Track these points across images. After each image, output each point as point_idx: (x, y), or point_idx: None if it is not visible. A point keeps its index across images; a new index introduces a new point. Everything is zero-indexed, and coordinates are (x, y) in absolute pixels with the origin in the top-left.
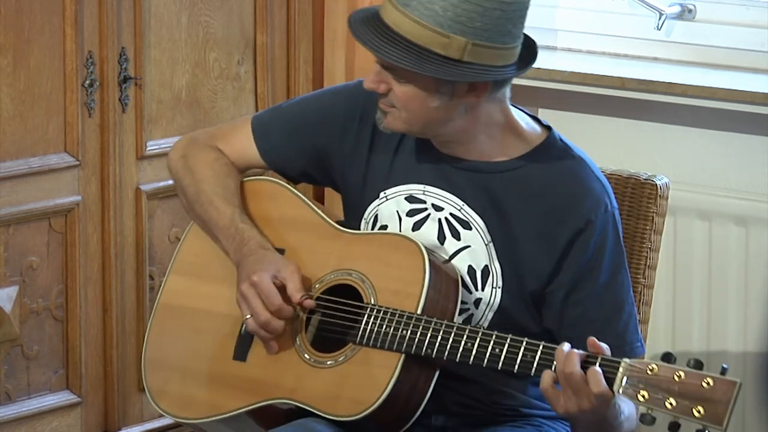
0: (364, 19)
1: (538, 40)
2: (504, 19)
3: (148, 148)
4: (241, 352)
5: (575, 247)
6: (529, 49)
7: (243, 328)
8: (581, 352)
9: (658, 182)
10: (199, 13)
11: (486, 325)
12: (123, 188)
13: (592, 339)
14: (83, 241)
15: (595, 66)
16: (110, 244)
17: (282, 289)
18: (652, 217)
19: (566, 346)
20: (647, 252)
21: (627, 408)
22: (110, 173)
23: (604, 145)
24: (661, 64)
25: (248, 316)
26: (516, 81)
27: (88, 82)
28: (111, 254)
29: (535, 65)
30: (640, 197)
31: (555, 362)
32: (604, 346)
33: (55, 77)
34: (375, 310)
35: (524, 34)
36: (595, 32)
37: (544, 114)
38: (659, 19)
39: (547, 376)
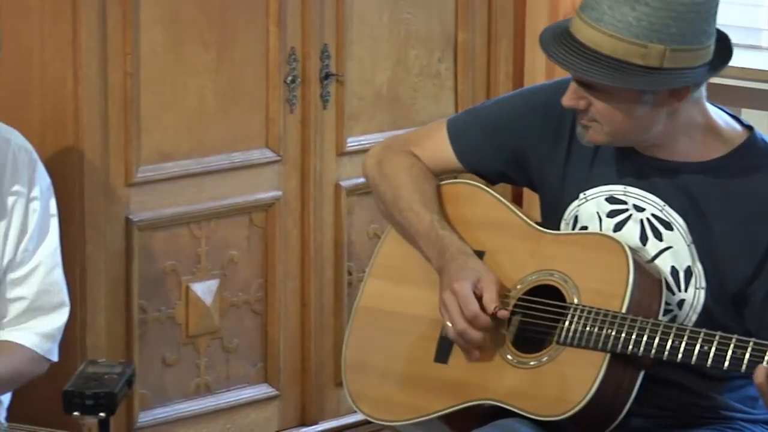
0: (555, 37)
1: (742, 39)
2: (698, 20)
3: (348, 145)
4: (442, 354)
5: None
6: (723, 42)
7: (444, 330)
8: None
9: None
10: (401, 11)
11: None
12: (323, 184)
13: None
14: (283, 236)
15: None
16: (309, 239)
17: (481, 297)
18: None
19: None
20: None
21: None
22: (310, 169)
23: None
24: None
25: (448, 324)
26: (718, 80)
27: (290, 78)
28: (310, 249)
29: (739, 65)
30: None
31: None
32: None
33: (258, 73)
34: (579, 310)
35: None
36: None
37: (747, 114)
38: None
39: (761, 370)
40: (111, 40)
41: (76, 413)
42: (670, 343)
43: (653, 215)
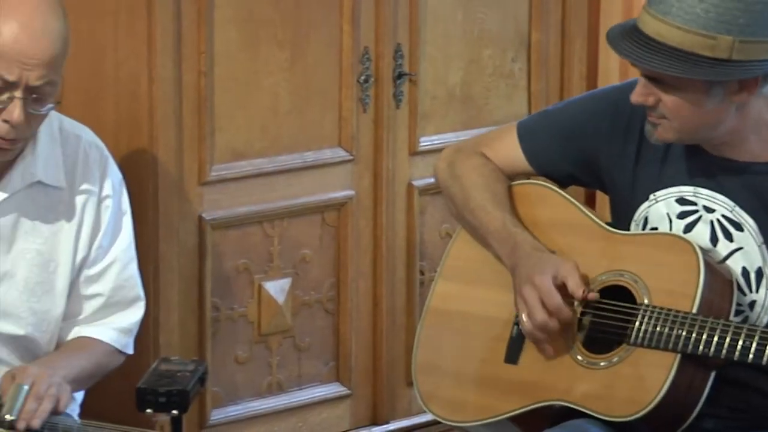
0: (622, 34)
1: None
2: (767, 12)
3: (421, 144)
4: (512, 355)
5: None
6: None
7: (514, 330)
8: None
9: None
10: (475, 10)
11: None
12: (395, 183)
13: None
14: (355, 236)
15: None
16: (382, 238)
17: (561, 289)
18: None
19: None
20: None
21: None
22: (383, 168)
23: None
24: None
25: (525, 319)
26: None
27: (363, 77)
28: (382, 249)
29: None
30: None
31: None
32: None
33: (332, 73)
34: (649, 310)
35: None
36: None
37: None
38: None
39: None
40: (185, 39)
41: (148, 410)
42: (741, 343)
43: (723, 216)
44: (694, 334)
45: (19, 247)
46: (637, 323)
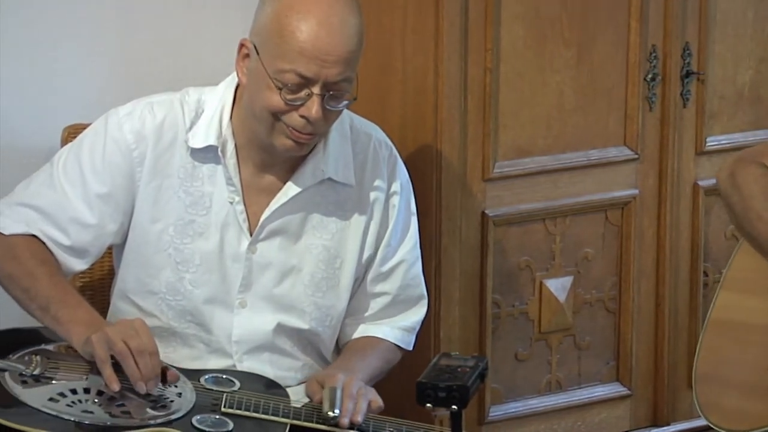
0: None
1: None
2: None
3: (708, 144)
4: None
5: None
6: None
7: None
8: None
9: None
10: (766, 9)
11: None
12: (680, 183)
13: None
14: (638, 235)
15: None
16: (665, 238)
17: None
18: None
19: None
20: None
21: None
22: (668, 168)
23: None
24: None
25: None
26: None
27: (650, 76)
28: (666, 249)
29: None
30: None
31: None
32: None
33: (618, 71)
34: None
35: None
36: None
37: None
38: None
39: None
40: (472, 35)
41: (428, 405)
42: None
43: None
44: None
45: (307, 242)
46: None
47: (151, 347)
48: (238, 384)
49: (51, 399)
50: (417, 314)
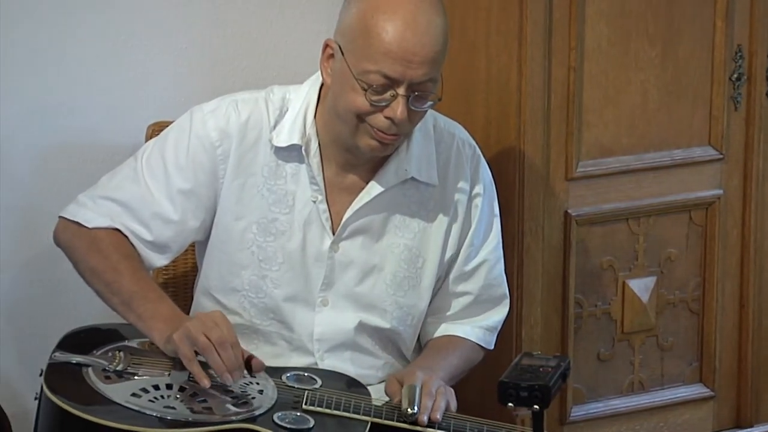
0: None
1: None
2: None
3: None
4: None
5: None
6: None
7: None
8: None
9: None
10: None
11: None
12: (765, 183)
13: None
14: (722, 235)
15: None
16: (750, 239)
17: None
18: None
19: None
20: None
21: None
22: (753, 168)
23: None
24: None
25: None
26: None
27: (735, 75)
28: (750, 250)
29: None
30: None
31: None
32: None
33: (703, 70)
34: None
35: None
36: None
37: None
38: None
39: None
40: (556, 33)
41: (510, 404)
42: None
43: None
44: None
45: (389, 241)
46: None
47: (232, 338)
48: (319, 382)
49: (133, 394)
50: (499, 314)
